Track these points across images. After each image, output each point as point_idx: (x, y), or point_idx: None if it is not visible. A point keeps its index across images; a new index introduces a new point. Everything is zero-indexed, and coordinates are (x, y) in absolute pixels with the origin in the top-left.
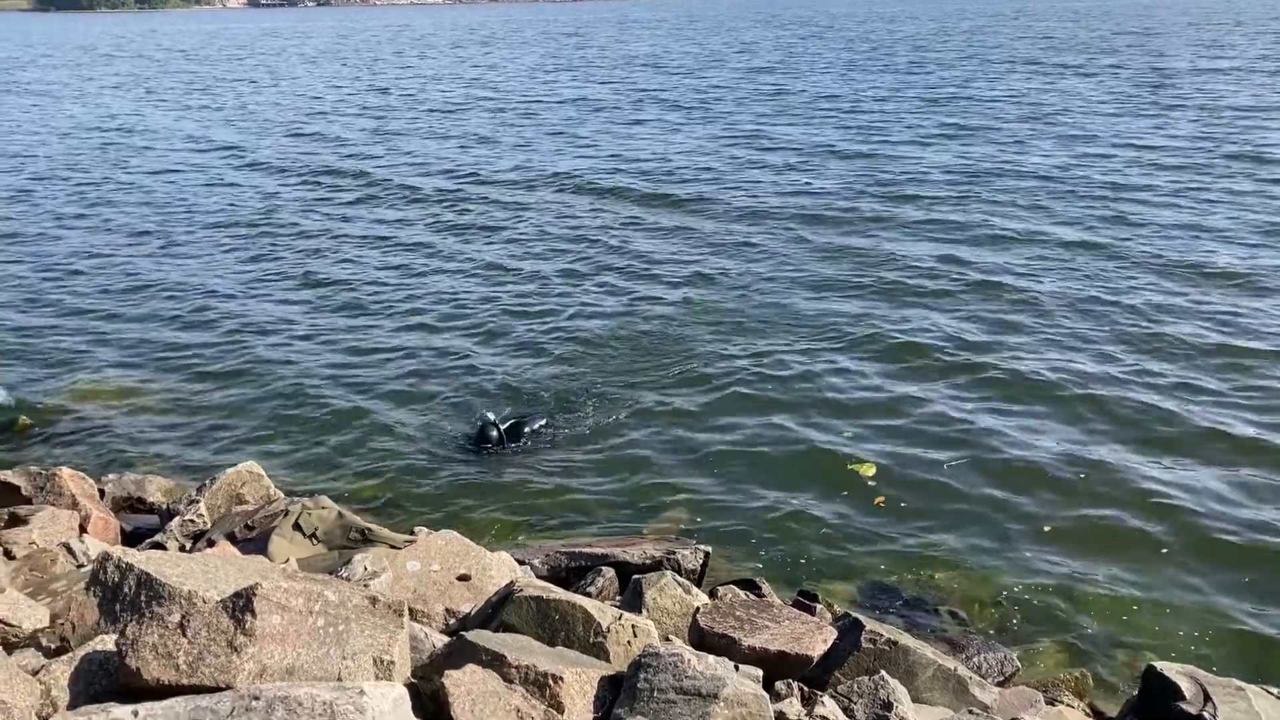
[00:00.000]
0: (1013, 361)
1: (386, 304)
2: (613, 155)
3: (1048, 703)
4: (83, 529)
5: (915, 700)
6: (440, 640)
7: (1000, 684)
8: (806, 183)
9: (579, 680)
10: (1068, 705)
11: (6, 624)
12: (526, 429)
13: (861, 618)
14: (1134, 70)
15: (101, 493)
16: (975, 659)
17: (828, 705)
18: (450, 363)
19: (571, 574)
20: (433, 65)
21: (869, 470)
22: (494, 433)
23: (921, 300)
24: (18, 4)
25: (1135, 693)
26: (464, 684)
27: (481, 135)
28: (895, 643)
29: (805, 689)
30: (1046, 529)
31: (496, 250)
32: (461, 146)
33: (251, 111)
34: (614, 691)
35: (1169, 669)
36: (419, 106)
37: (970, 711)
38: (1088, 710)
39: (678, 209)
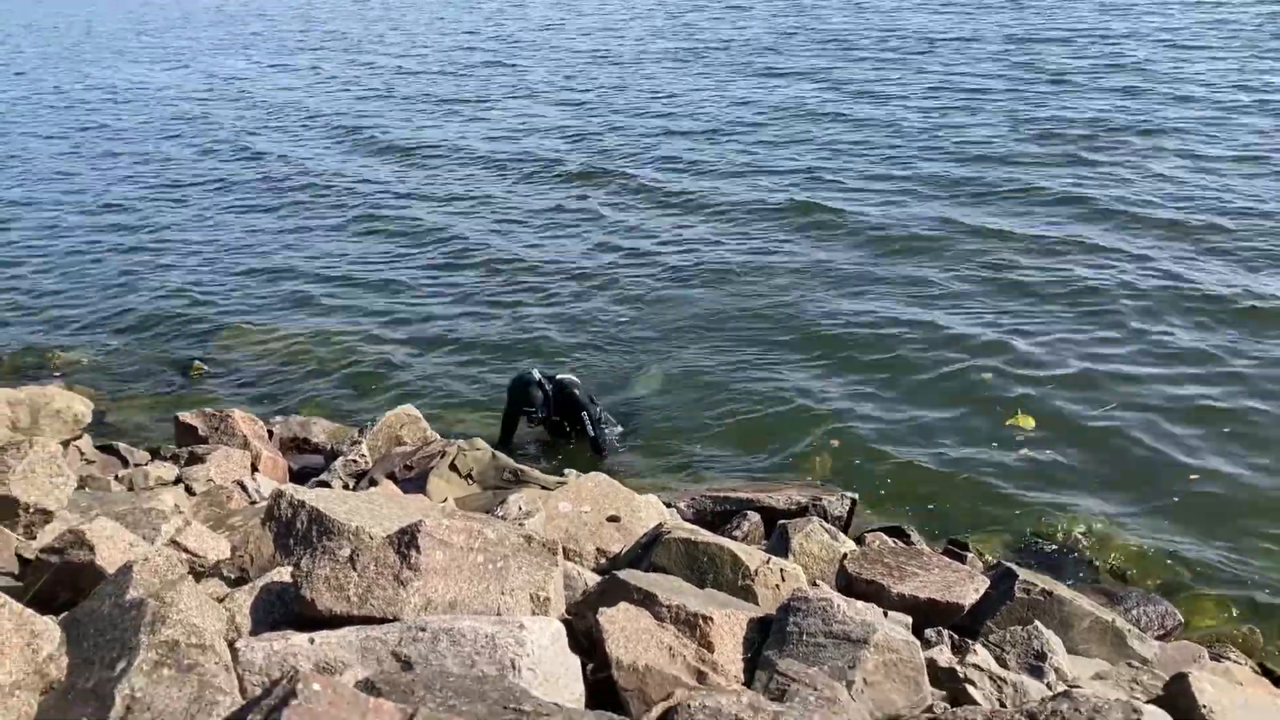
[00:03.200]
0: (1187, 308)
1: (533, 263)
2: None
3: (1212, 658)
4: (254, 467)
5: (1070, 652)
6: (592, 579)
7: (1161, 638)
8: (955, 124)
9: (728, 621)
10: (1234, 662)
11: (194, 554)
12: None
13: (1015, 567)
14: None
15: (270, 433)
16: (1134, 611)
17: (980, 654)
18: (597, 314)
19: (717, 518)
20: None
21: (1027, 422)
22: (538, 393)
23: (1085, 247)
24: None
25: None
26: (618, 621)
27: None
28: (1050, 593)
29: (956, 637)
30: (1212, 483)
31: (635, 213)
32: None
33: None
34: (762, 633)
35: None
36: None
37: (1129, 664)
38: (1256, 668)
39: (811, 156)
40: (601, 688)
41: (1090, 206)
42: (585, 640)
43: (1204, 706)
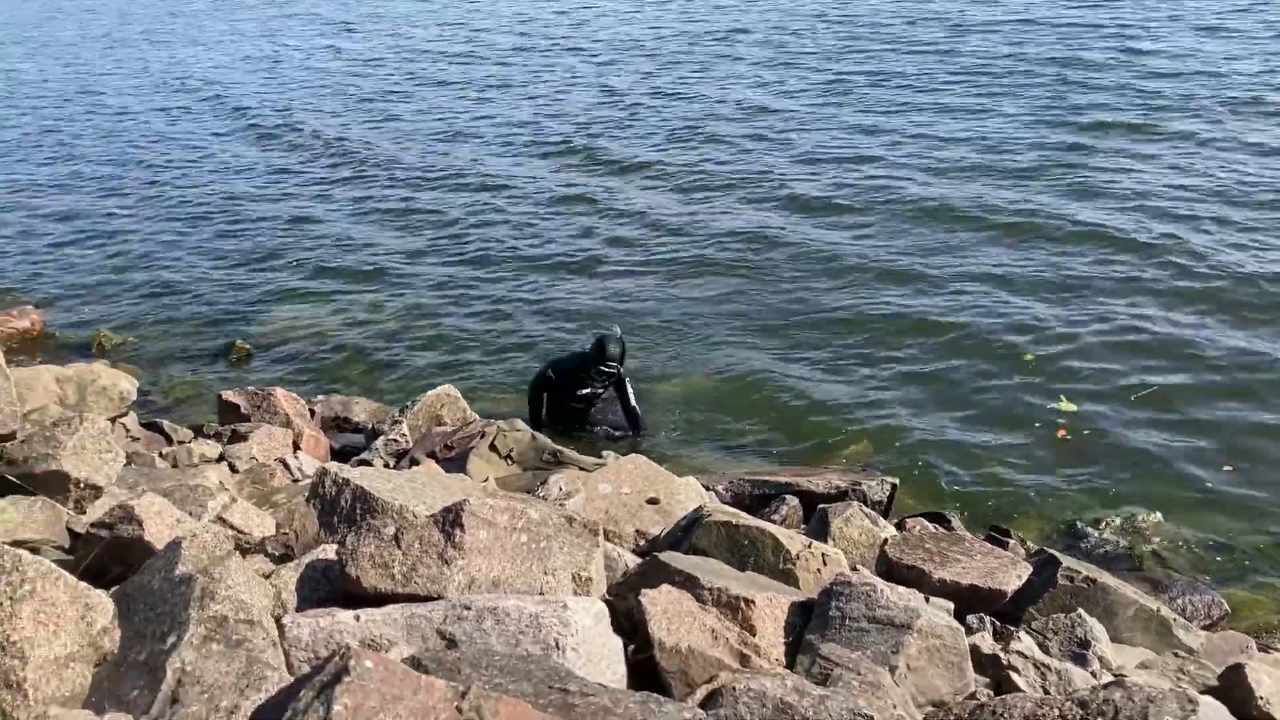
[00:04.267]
0: (1233, 297)
1: (571, 250)
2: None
3: (1260, 649)
4: (296, 446)
5: (1114, 640)
6: (632, 560)
7: (1207, 628)
8: (992, 104)
9: (770, 605)
10: None
11: (240, 531)
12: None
13: (1058, 554)
14: None
15: (312, 412)
16: (1179, 601)
17: (1024, 640)
18: (634, 301)
19: (755, 502)
20: None
21: (1069, 407)
22: (615, 349)
23: (1128, 235)
24: None
25: None
26: (660, 603)
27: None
28: (1094, 580)
29: (998, 624)
30: (1258, 471)
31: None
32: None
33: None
34: (804, 618)
35: None
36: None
37: (1175, 654)
38: None
39: (843, 142)
40: (643, 669)
41: (1134, 195)
42: (626, 621)
43: (1261, 698)
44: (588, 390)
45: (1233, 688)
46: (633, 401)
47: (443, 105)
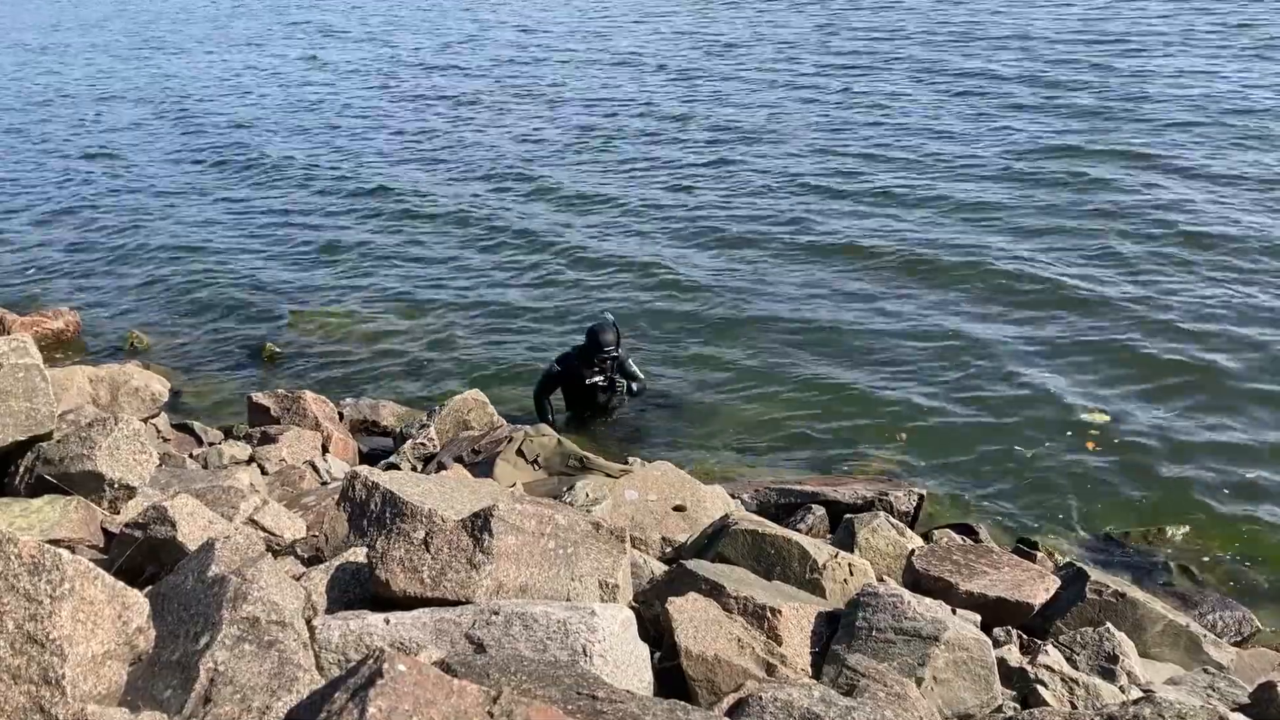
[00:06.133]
0: (1260, 302)
1: (599, 254)
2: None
3: None
4: (325, 448)
5: (1143, 655)
6: (659, 567)
7: (1237, 644)
8: (1021, 119)
9: (796, 614)
10: None
11: (271, 533)
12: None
13: (1086, 567)
14: None
15: (340, 415)
16: (1209, 617)
17: (1051, 654)
18: (659, 305)
19: (781, 511)
20: None
21: (1100, 418)
22: (609, 335)
23: (1156, 244)
24: None
25: None
26: (687, 610)
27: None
28: (1123, 595)
29: (1025, 637)
30: None
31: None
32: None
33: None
34: (830, 628)
35: None
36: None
37: (1205, 670)
38: None
39: (876, 161)
40: (669, 676)
41: (1161, 209)
42: (652, 628)
43: None
44: (596, 380)
45: (1264, 705)
46: (635, 370)
47: (476, 113)
